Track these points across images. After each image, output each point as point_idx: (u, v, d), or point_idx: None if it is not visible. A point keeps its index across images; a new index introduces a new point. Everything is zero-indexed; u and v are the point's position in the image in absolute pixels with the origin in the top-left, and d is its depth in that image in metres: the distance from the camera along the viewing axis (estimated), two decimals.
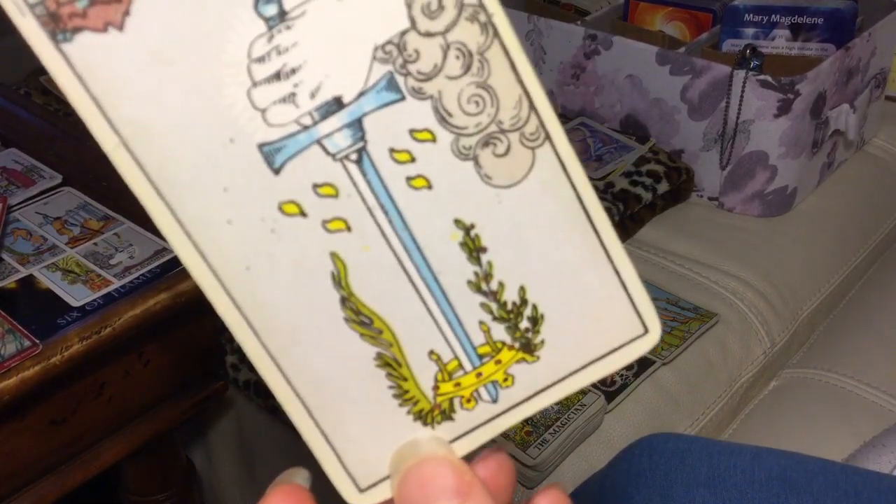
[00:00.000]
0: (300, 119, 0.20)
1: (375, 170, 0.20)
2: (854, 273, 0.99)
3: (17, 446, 0.60)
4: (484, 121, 0.20)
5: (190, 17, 0.19)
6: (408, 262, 0.21)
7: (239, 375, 0.77)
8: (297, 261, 0.21)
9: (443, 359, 0.22)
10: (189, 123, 0.19)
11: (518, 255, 0.21)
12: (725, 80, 0.93)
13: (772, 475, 0.48)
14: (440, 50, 0.20)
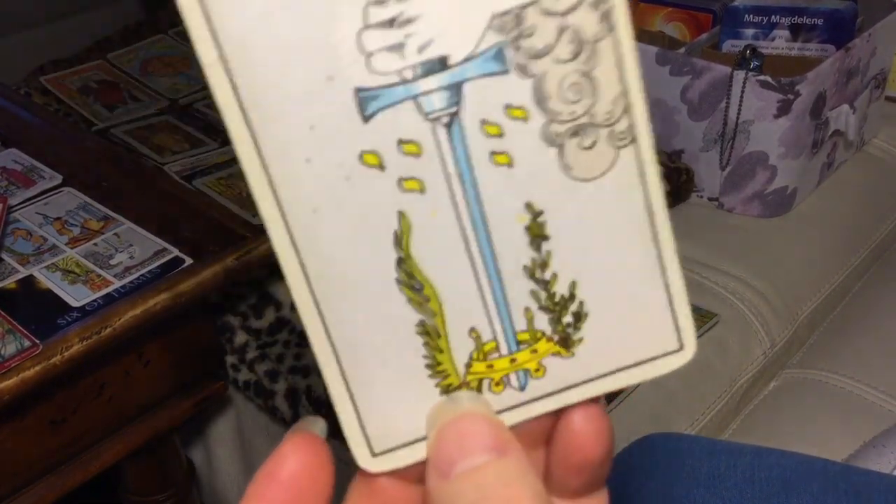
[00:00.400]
0: (403, 71, 0.19)
1: (463, 137, 0.20)
2: (854, 273, 0.99)
3: (17, 446, 0.60)
4: (579, 110, 0.20)
5: None
6: (471, 235, 0.21)
7: (239, 375, 0.77)
8: (365, 213, 0.20)
9: (482, 338, 0.22)
10: (293, 51, 0.19)
11: (577, 249, 0.21)
12: (725, 81, 0.93)
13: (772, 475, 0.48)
14: (556, 30, 0.19)
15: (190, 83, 1.19)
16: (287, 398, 0.74)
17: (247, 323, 0.79)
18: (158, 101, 1.15)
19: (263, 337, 0.78)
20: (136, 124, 1.09)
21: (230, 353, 0.78)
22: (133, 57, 1.24)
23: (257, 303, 0.80)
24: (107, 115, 1.11)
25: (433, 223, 0.21)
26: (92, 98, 1.14)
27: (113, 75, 1.20)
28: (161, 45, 1.27)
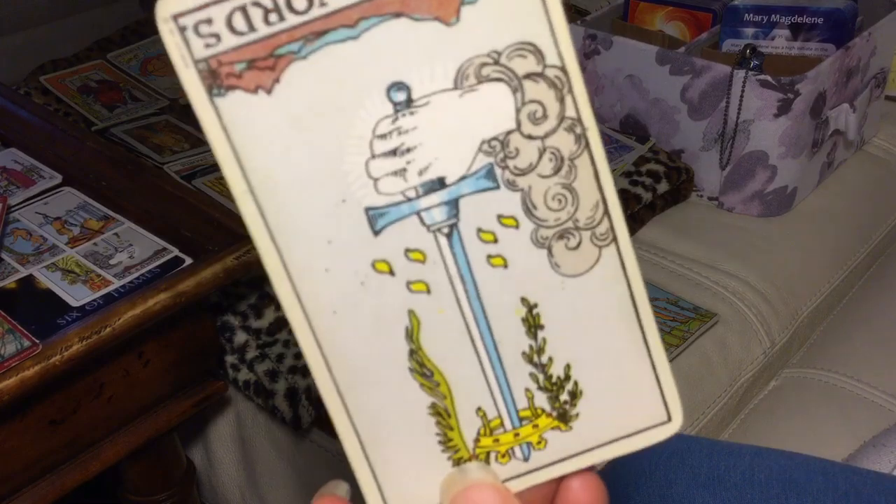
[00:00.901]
0: (406, 191, 0.23)
1: (462, 244, 0.23)
2: (854, 273, 0.99)
3: (16, 446, 0.60)
4: (563, 217, 0.23)
5: (329, 92, 0.22)
6: (474, 327, 0.24)
7: (238, 375, 0.77)
8: (378, 312, 0.23)
9: (487, 416, 0.25)
10: (310, 181, 0.22)
11: (570, 336, 0.24)
12: (725, 80, 0.93)
13: (771, 475, 0.48)
14: (537, 151, 0.23)
15: None
16: (287, 398, 0.74)
17: (247, 322, 0.79)
18: (158, 100, 1.15)
19: (263, 337, 0.78)
20: (135, 124, 1.09)
21: (230, 352, 0.78)
22: (133, 56, 1.24)
23: (257, 302, 0.80)
24: (107, 114, 1.11)
25: (440, 318, 0.24)
26: (92, 98, 1.14)
27: (113, 75, 1.20)
28: (161, 44, 1.27)
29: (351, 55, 0.22)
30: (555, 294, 0.24)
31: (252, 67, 0.21)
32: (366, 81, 0.22)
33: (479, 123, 0.22)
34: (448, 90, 0.22)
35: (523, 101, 0.22)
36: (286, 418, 0.74)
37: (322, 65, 0.22)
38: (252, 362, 0.77)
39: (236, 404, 0.82)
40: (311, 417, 0.74)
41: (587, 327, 0.24)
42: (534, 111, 0.23)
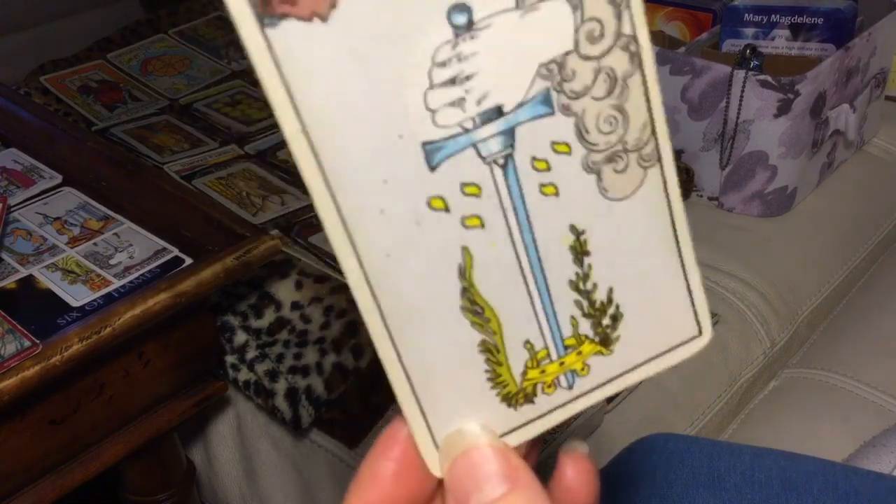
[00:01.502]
0: (464, 122, 0.22)
1: (517, 175, 0.23)
2: (854, 273, 0.99)
3: (16, 446, 0.60)
4: (613, 140, 0.23)
5: (388, 17, 0.20)
6: (525, 260, 0.24)
7: (239, 375, 0.77)
8: (432, 251, 0.23)
9: (535, 348, 0.25)
10: (367, 117, 0.21)
11: (613, 260, 0.24)
12: (725, 80, 0.93)
13: (771, 475, 0.48)
14: (593, 73, 0.22)
15: (189, 83, 1.19)
16: (287, 398, 0.74)
17: (246, 322, 0.79)
18: (158, 100, 1.15)
19: (263, 337, 0.78)
20: (135, 124, 1.09)
21: (230, 352, 0.78)
22: (133, 57, 1.24)
23: (257, 302, 0.80)
24: (106, 114, 1.11)
25: (492, 253, 0.23)
26: (92, 98, 1.14)
27: (113, 75, 1.20)
28: (161, 44, 1.27)
29: None
30: (601, 219, 0.24)
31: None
32: (426, 4, 0.21)
33: (539, 45, 0.22)
34: (510, 10, 0.21)
35: (583, 19, 0.22)
36: (286, 418, 0.74)
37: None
38: (252, 362, 0.77)
39: (236, 404, 0.82)
40: (311, 417, 0.74)
41: (629, 249, 0.24)
42: (592, 30, 0.22)
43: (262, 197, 0.95)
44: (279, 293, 0.80)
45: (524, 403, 0.25)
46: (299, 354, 0.76)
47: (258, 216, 0.92)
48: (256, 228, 0.69)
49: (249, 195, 0.95)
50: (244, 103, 1.15)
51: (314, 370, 0.74)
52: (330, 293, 0.80)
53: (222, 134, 1.08)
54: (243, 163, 1.01)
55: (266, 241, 0.67)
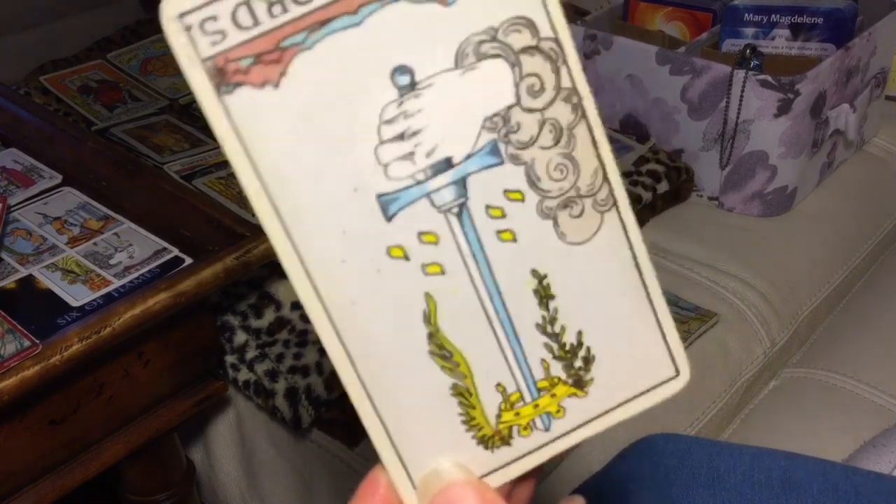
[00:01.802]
0: (415, 174, 0.23)
1: (472, 222, 0.24)
2: (854, 273, 0.99)
3: (16, 446, 0.60)
4: (566, 186, 0.24)
5: (334, 82, 0.22)
6: (489, 304, 0.24)
7: (238, 375, 0.77)
8: (396, 298, 0.24)
9: (507, 390, 0.25)
10: (322, 172, 0.22)
11: (579, 303, 0.25)
12: (725, 80, 0.93)
13: (772, 476, 0.48)
14: (537, 124, 0.23)
15: None
16: (287, 398, 0.74)
17: (246, 322, 0.79)
18: (158, 100, 1.15)
19: (263, 336, 0.78)
20: (135, 124, 1.09)
21: (230, 352, 0.78)
22: (133, 56, 1.24)
23: (257, 302, 0.80)
24: (106, 114, 1.11)
25: (455, 298, 0.24)
26: (92, 98, 1.14)
27: (113, 75, 1.20)
28: (161, 44, 1.27)
29: (354, 42, 0.22)
30: (563, 263, 0.25)
31: (258, 62, 0.21)
32: (370, 67, 0.22)
33: (481, 100, 0.23)
34: (449, 70, 0.23)
35: (521, 76, 0.23)
36: (286, 418, 0.74)
37: (327, 54, 0.22)
38: (252, 362, 0.77)
39: (236, 404, 0.82)
40: (310, 417, 0.74)
41: (595, 292, 0.25)
42: (532, 84, 0.23)
43: None
44: (279, 293, 0.80)
45: (501, 446, 0.25)
46: (299, 354, 0.76)
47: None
48: (256, 228, 0.69)
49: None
50: None
51: (314, 370, 0.74)
52: None
53: None
54: None
55: (266, 241, 0.67)
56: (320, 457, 0.77)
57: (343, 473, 0.76)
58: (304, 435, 0.78)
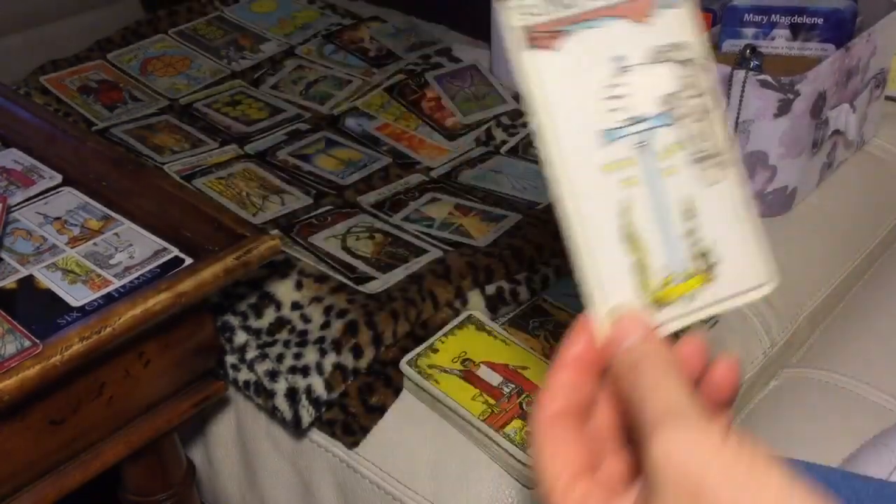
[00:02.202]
0: (625, 121, 0.38)
1: (654, 157, 0.38)
2: (854, 273, 0.99)
3: (16, 446, 0.60)
4: (706, 147, 0.39)
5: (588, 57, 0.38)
6: (659, 212, 0.38)
7: (239, 375, 0.77)
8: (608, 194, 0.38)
9: (667, 273, 0.38)
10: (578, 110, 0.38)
11: (712, 222, 0.39)
12: (725, 80, 0.93)
13: None
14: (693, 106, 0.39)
15: (189, 83, 1.19)
16: (287, 398, 0.74)
17: (246, 322, 0.79)
18: (158, 100, 1.15)
19: (263, 337, 0.78)
20: (135, 124, 1.09)
21: (230, 352, 0.78)
22: (133, 57, 1.24)
23: (257, 302, 0.80)
24: (107, 114, 1.11)
25: (642, 205, 0.38)
26: (92, 98, 1.14)
27: (113, 75, 1.20)
28: (161, 45, 1.27)
29: (597, 36, 0.38)
30: (703, 194, 0.38)
31: (549, 36, 0.37)
32: (605, 53, 0.38)
33: (662, 84, 0.38)
34: (647, 63, 0.38)
35: (685, 75, 0.39)
36: (286, 418, 0.74)
37: (583, 39, 0.38)
38: (252, 362, 0.77)
39: (236, 404, 0.83)
40: (311, 417, 0.74)
41: (721, 217, 0.39)
42: (690, 81, 0.39)
43: (263, 197, 0.95)
44: (279, 293, 0.80)
45: (660, 309, 0.38)
46: (299, 354, 0.76)
47: (258, 216, 0.92)
48: (256, 228, 0.69)
49: (249, 195, 0.95)
50: (244, 103, 1.15)
51: (314, 370, 0.74)
52: (330, 293, 0.80)
53: (222, 134, 1.08)
54: (243, 163, 1.01)
55: (266, 241, 0.67)
56: (320, 457, 0.77)
57: (343, 473, 0.76)
58: (304, 435, 0.78)
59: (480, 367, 0.75)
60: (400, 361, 0.76)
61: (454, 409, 0.72)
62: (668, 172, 0.38)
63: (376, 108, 1.12)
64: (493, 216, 0.92)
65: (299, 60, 1.23)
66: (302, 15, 1.35)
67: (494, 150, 1.05)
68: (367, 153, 1.04)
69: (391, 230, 0.90)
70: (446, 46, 1.24)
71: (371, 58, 1.23)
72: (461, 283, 0.81)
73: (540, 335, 0.81)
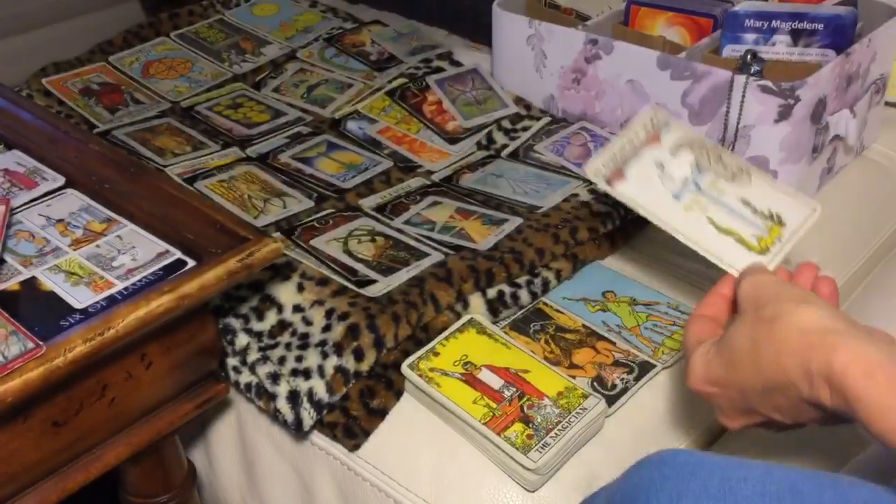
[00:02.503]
0: (680, 182, 0.72)
1: (705, 189, 0.72)
2: (854, 278, 0.99)
3: (19, 448, 0.60)
4: (728, 169, 0.72)
5: (641, 170, 0.73)
6: (729, 210, 0.71)
7: (240, 378, 0.77)
8: (698, 217, 0.70)
9: (758, 234, 0.69)
10: (657, 194, 0.72)
11: (761, 198, 0.70)
12: (726, 86, 0.93)
13: (782, 487, 0.48)
14: (710, 162, 0.73)
15: (191, 86, 1.19)
16: (288, 400, 0.74)
17: (248, 325, 0.79)
18: (160, 103, 1.16)
19: (265, 339, 0.78)
20: (137, 127, 1.09)
21: (231, 355, 0.78)
22: (134, 59, 1.25)
23: (259, 305, 0.80)
24: (108, 117, 1.12)
25: (717, 213, 0.70)
26: (93, 100, 1.15)
27: (114, 78, 1.20)
28: (162, 47, 1.28)
29: (640, 161, 0.74)
30: (744, 191, 0.70)
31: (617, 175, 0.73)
32: (648, 164, 0.73)
33: (686, 159, 0.73)
34: (672, 156, 0.73)
35: (694, 148, 0.73)
36: (288, 421, 0.74)
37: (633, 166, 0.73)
38: (254, 365, 0.77)
39: (237, 406, 0.83)
40: (312, 420, 0.74)
41: (764, 193, 0.70)
42: (699, 148, 0.73)
43: (264, 200, 0.95)
44: (281, 296, 0.81)
45: (763, 254, 0.67)
46: (301, 357, 0.76)
47: (260, 219, 0.92)
48: (259, 231, 0.69)
49: (251, 198, 0.95)
50: (245, 106, 1.15)
51: (316, 373, 0.75)
52: (331, 296, 0.80)
53: (224, 137, 1.09)
54: (245, 165, 1.01)
55: (269, 243, 0.67)
56: (321, 460, 0.77)
57: (344, 476, 0.76)
58: (305, 437, 0.78)
59: (482, 370, 0.75)
60: (401, 364, 0.76)
61: (455, 412, 0.72)
62: (719, 193, 0.70)
63: (377, 112, 1.12)
64: (494, 220, 0.92)
65: (301, 64, 1.23)
66: (303, 18, 1.35)
67: (495, 153, 1.06)
68: (368, 157, 1.04)
69: (392, 233, 0.90)
70: (447, 50, 1.24)
71: (372, 61, 1.23)
72: (462, 286, 0.82)
73: (541, 338, 0.81)
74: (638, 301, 0.86)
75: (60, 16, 1.52)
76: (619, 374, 0.78)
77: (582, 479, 0.72)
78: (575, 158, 1.02)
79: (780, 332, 0.54)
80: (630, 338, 0.81)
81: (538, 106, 1.11)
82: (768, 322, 0.55)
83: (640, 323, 0.83)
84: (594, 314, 0.84)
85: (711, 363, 0.60)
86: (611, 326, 0.83)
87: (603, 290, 0.87)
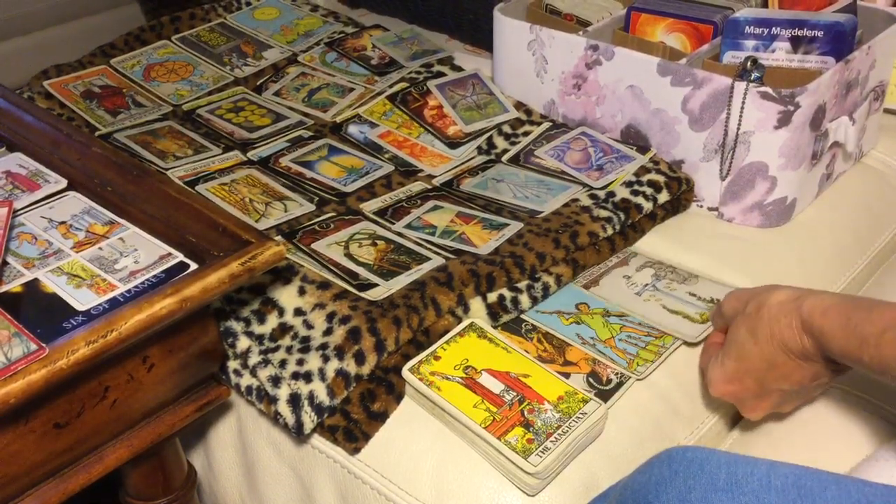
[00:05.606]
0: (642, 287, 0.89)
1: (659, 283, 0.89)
2: (852, 284, 0.99)
3: (20, 449, 0.60)
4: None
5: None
6: (681, 298, 0.87)
7: (241, 380, 0.77)
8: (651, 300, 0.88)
9: (702, 311, 0.81)
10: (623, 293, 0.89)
11: (711, 289, 0.87)
12: (726, 92, 0.94)
13: (787, 483, 0.50)
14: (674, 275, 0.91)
15: (192, 89, 1.20)
16: (289, 404, 0.74)
17: (249, 328, 0.79)
18: (161, 106, 1.16)
19: (266, 342, 0.78)
20: (138, 129, 1.09)
21: (232, 358, 0.78)
22: (136, 62, 1.25)
23: (260, 308, 0.80)
24: (110, 119, 1.12)
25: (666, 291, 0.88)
26: (95, 103, 1.15)
27: (116, 80, 1.20)
28: (164, 50, 1.28)
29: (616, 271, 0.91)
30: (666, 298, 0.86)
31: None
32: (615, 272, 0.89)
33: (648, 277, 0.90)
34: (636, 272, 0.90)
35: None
36: (288, 424, 0.74)
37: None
38: (255, 368, 0.77)
39: (238, 409, 0.83)
40: (313, 423, 0.74)
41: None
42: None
43: (265, 203, 0.95)
44: (282, 299, 0.81)
45: (705, 323, 0.79)
46: (302, 360, 0.76)
47: (261, 222, 0.92)
48: (261, 234, 0.69)
49: (252, 201, 0.95)
50: (247, 110, 1.15)
51: (317, 376, 0.75)
52: (332, 300, 0.80)
53: (225, 140, 1.09)
54: (246, 169, 1.02)
55: (271, 246, 0.67)
56: (322, 463, 0.77)
57: (345, 480, 0.76)
58: (305, 441, 0.78)
59: (482, 374, 0.75)
60: (402, 368, 0.76)
61: (456, 416, 0.72)
62: (671, 290, 0.86)
63: (378, 116, 1.12)
64: (494, 224, 0.92)
65: (302, 68, 1.24)
66: (304, 22, 1.36)
67: (496, 158, 1.06)
68: (369, 161, 1.05)
69: (393, 237, 0.90)
70: (448, 55, 1.25)
71: (373, 66, 1.23)
72: (463, 290, 0.82)
73: (533, 337, 0.82)
74: (611, 313, 0.86)
75: (62, 18, 1.52)
76: (613, 369, 0.78)
77: (581, 483, 0.72)
78: (575, 163, 1.02)
79: (766, 313, 0.68)
80: (605, 350, 0.81)
81: (539, 111, 1.12)
82: (755, 312, 0.69)
83: (615, 335, 0.83)
84: (568, 326, 0.84)
85: (724, 364, 0.72)
86: (585, 339, 0.82)
87: (576, 302, 0.87)
